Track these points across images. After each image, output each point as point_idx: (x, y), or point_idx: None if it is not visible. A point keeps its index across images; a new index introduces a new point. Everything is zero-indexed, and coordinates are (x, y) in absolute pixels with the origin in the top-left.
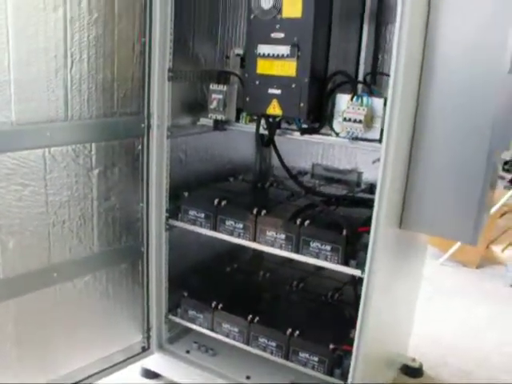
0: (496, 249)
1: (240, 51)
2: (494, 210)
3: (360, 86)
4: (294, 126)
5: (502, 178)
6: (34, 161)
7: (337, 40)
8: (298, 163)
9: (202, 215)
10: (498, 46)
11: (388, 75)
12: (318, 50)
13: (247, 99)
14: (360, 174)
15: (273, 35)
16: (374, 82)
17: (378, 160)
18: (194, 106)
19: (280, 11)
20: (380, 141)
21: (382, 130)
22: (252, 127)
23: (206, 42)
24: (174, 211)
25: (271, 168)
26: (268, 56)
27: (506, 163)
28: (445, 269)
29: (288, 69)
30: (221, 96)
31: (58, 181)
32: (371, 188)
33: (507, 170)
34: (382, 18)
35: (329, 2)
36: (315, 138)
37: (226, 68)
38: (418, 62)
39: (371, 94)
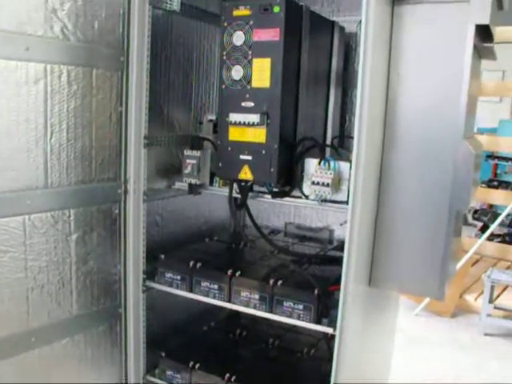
0: (469, 298)
1: (213, 117)
2: (465, 258)
3: (329, 149)
4: (265, 189)
5: (474, 225)
6: (15, 227)
7: (305, 105)
8: (271, 222)
9: (178, 277)
10: (453, 111)
11: (349, 137)
12: (287, 117)
13: (220, 165)
14: (331, 231)
15: (243, 104)
16: (342, 145)
17: (346, 222)
18: (170, 170)
19: (249, 82)
20: (348, 202)
21: (349, 192)
22: (225, 190)
23: (181, 108)
24: (151, 273)
25: (245, 227)
26: (239, 124)
27: (475, 212)
28: (420, 319)
29: (258, 136)
30: (195, 161)
31: (38, 246)
32: (343, 245)
33: (477, 219)
34: (348, 82)
35: (296, 71)
36: (286, 200)
37: (199, 133)
38: (380, 125)
39: (339, 157)
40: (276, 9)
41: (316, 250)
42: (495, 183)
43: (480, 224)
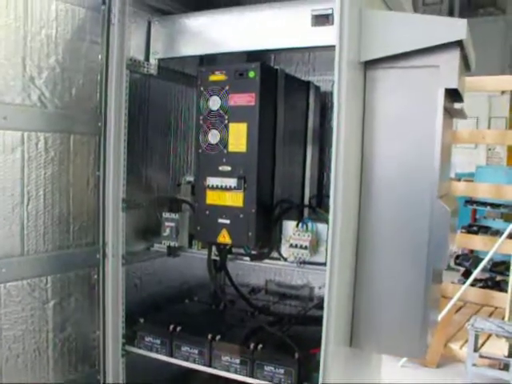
0: (455, 346)
1: (191, 178)
2: (449, 306)
3: (307, 209)
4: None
5: (457, 270)
6: None
7: (281, 166)
8: (252, 279)
9: (158, 341)
10: (427, 171)
11: (327, 196)
12: (264, 181)
13: (198, 228)
14: (312, 288)
15: (220, 168)
16: (320, 205)
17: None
18: (148, 232)
19: (226, 146)
20: (326, 264)
21: (327, 254)
22: (204, 253)
23: (159, 170)
24: (130, 337)
25: (226, 285)
26: (216, 188)
27: (457, 257)
28: (405, 370)
29: (236, 200)
30: (173, 224)
31: (13, 315)
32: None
33: (459, 264)
34: (325, 139)
35: (272, 134)
36: (265, 262)
37: (177, 195)
38: (356, 185)
39: (316, 217)
40: (251, 74)
41: (297, 309)
42: (475, 228)
43: (462, 269)
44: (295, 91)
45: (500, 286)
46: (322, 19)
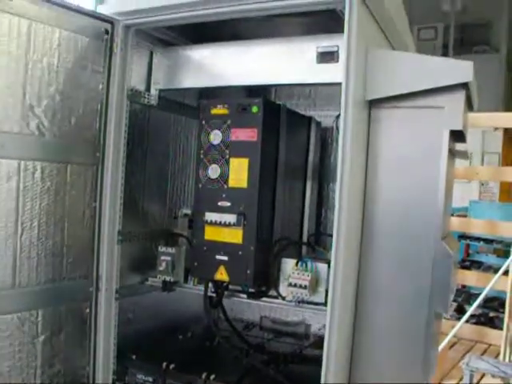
0: None
1: (188, 211)
2: (444, 343)
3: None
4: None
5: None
6: None
7: (282, 202)
8: (246, 315)
9: (150, 379)
10: (430, 213)
11: (330, 235)
12: (264, 218)
13: (195, 264)
14: (308, 326)
15: (220, 203)
16: (318, 242)
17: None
18: (143, 265)
19: (226, 181)
20: (325, 304)
21: (326, 293)
22: (201, 288)
23: (156, 202)
24: (121, 373)
25: (220, 320)
26: (215, 223)
27: None
28: None
29: (235, 236)
30: (169, 258)
31: (0, 351)
32: (319, 341)
33: (454, 300)
34: (325, 175)
35: (273, 170)
36: (262, 300)
37: (174, 228)
38: (358, 225)
39: (316, 257)
40: (254, 109)
41: (293, 347)
42: (467, 263)
43: (455, 304)
44: (297, 126)
45: (493, 323)
46: (327, 56)
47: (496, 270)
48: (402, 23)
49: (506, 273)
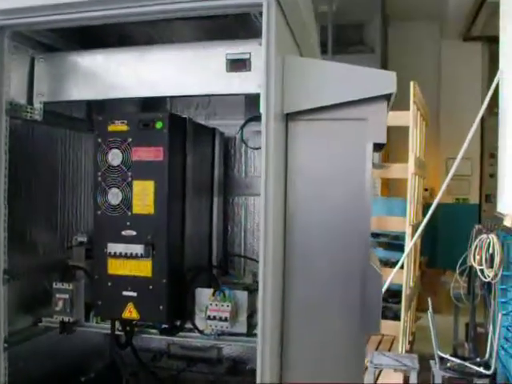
0: None
1: (83, 239)
2: None
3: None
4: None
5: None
6: None
7: (191, 226)
8: (152, 343)
9: None
10: (357, 229)
11: (240, 256)
12: (175, 245)
13: (99, 302)
14: (220, 349)
15: (124, 233)
16: (227, 263)
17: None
18: (35, 304)
19: (130, 207)
20: (248, 335)
21: (248, 323)
22: (105, 326)
23: (45, 230)
24: None
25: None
26: (120, 255)
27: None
28: None
29: (143, 269)
30: (67, 296)
31: None
32: (233, 366)
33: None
34: (229, 188)
35: (182, 191)
36: (178, 336)
37: (69, 259)
38: (281, 246)
39: (228, 280)
40: (158, 124)
41: (207, 377)
42: None
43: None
44: (202, 140)
45: (384, 314)
46: (238, 64)
47: (384, 263)
48: (311, 26)
49: (393, 265)
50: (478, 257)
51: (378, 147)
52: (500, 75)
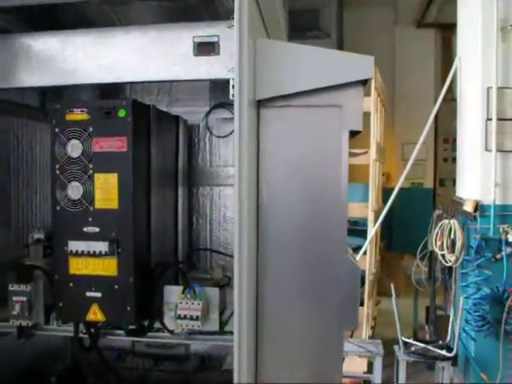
0: None
1: (41, 235)
2: None
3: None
4: None
5: None
6: None
7: (156, 219)
8: (116, 342)
9: None
10: (334, 221)
11: (207, 249)
12: (141, 241)
13: (60, 304)
14: (187, 346)
15: (86, 229)
16: (191, 257)
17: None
18: None
19: (92, 202)
20: (220, 333)
21: (220, 321)
22: (68, 329)
23: None
24: None
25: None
26: (82, 254)
27: None
28: None
29: (108, 268)
30: (24, 298)
31: None
32: (202, 362)
33: None
34: (193, 178)
35: (146, 182)
36: (147, 336)
37: (26, 259)
38: (254, 240)
39: (198, 276)
40: (121, 113)
41: (176, 375)
42: None
43: None
44: (166, 128)
45: None
46: (206, 48)
47: None
48: (280, 13)
49: (353, 251)
50: (439, 242)
51: (353, 134)
52: (458, 62)
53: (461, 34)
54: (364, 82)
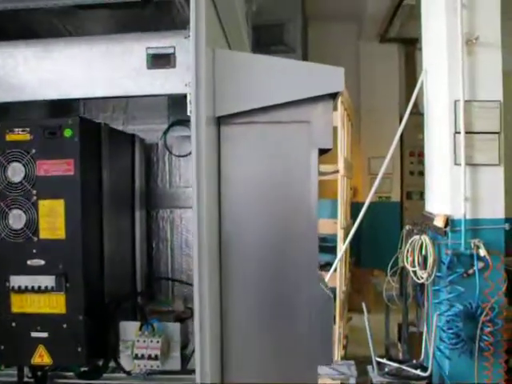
0: None
1: None
2: None
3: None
4: None
5: None
6: None
7: (110, 247)
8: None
9: None
10: (304, 249)
11: (168, 279)
12: (92, 274)
13: (1, 347)
14: None
15: (29, 262)
16: (151, 286)
17: None
18: None
19: (36, 232)
20: (182, 371)
21: (182, 358)
22: (12, 372)
23: None
24: None
25: None
26: (26, 290)
27: None
28: None
29: (55, 305)
30: None
31: None
32: None
33: None
34: (152, 201)
35: (98, 210)
36: (101, 379)
37: None
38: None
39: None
40: (67, 132)
41: None
42: None
43: None
44: (120, 149)
45: None
46: (160, 60)
47: None
48: (242, 25)
49: (321, 268)
50: (410, 258)
51: (323, 152)
52: (424, 75)
53: (426, 48)
54: (333, 96)
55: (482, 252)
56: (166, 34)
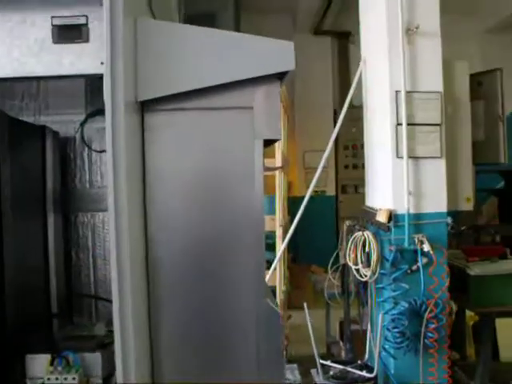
0: None
1: None
2: None
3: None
4: None
5: None
6: None
7: (11, 259)
8: None
9: None
10: (246, 253)
11: (88, 296)
12: None
13: None
14: None
15: None
16: (71, 310)
17: None
18: None
19: None
20: None
21: None
22: None
23: None
24: None
25: None
26: None
27: None
28: None
29: None
30: None
31: None
32: None
33: None
34: (70, 203)
35: None
36: None
37: None
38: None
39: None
40: None
41: None
42: None
43: None
44: (27, 143)
45: None
46: (70, 32)
47: None
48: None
49: None
50: (352, 255)
51: (269, 143)
52: (363, 65)
53: (365, 36)
54: (281, 77)
55: (426, 247)
56: (76, 1)
